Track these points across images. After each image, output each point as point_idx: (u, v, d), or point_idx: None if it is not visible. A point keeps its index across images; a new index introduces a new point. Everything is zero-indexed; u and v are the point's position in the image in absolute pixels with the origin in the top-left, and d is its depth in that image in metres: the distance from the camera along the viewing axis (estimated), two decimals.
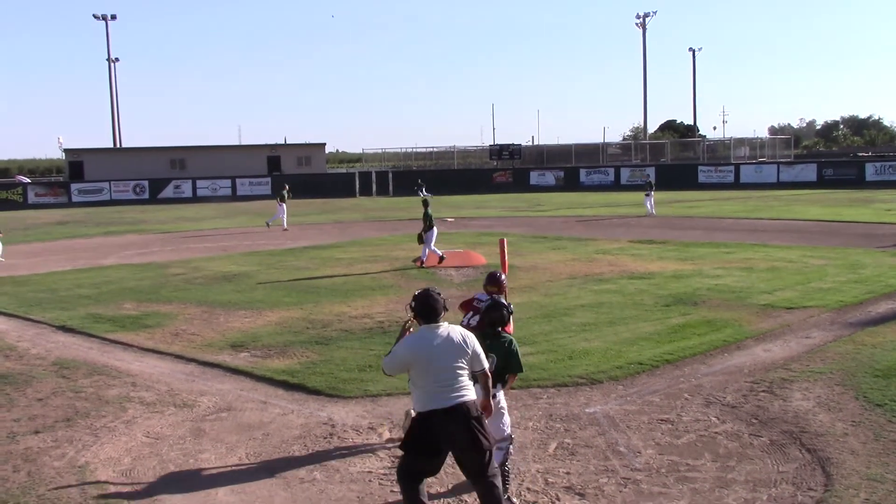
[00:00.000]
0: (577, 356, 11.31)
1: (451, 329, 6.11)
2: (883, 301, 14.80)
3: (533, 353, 11.18)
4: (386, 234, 30.41)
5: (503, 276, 8.30)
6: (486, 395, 6.30)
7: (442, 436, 5.84)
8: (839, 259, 20.21)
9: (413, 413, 6.14)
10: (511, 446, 7.07)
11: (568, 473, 7.29)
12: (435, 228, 21.48)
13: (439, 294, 6.16)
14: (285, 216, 34.60)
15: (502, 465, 6.68)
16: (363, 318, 14.42)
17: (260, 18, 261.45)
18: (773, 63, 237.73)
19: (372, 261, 22.26)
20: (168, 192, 62.45)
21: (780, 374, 10.20)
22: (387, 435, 8.40)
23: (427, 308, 6.07)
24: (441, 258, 21.03)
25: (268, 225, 34.54)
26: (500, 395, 7.02)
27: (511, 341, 7.10)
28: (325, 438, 8.42)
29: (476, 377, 6.14)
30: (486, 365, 6.22)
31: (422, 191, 39.43)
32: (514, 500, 6.76)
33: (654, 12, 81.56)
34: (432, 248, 21.23)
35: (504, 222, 34.96)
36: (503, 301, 7.37)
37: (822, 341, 11.93)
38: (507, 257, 10.27)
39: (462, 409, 5.87)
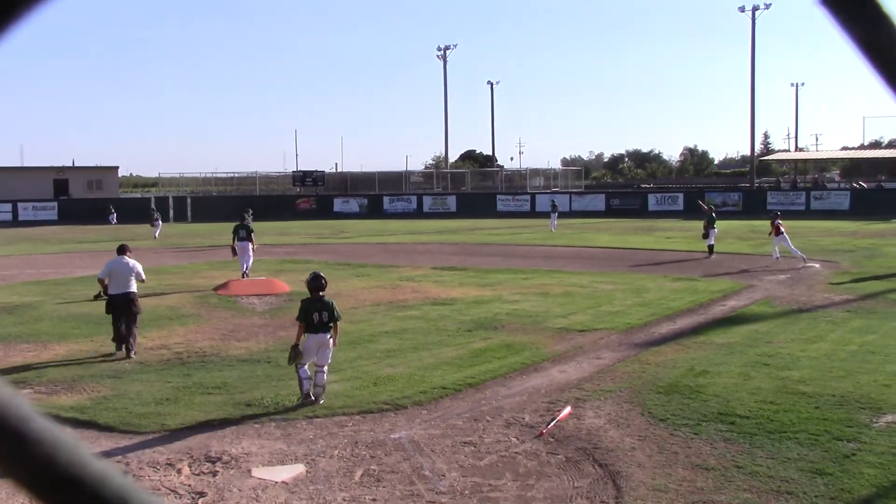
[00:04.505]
0: (382, 382, 11.38)
1: (130, 260, 13.40)
2: (664, 322, 15.90)
3: (338, 380, 11.14)
4: (185, 262, 29.34)
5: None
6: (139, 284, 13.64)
7: (117, 304, 13.11)
8: (626, 284, 21.55)
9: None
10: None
11: (374, 500, 7.30)
12: (247, 243, 22.94)
13: (126, 250, 13.74)
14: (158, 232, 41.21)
15: (324, 384, 10.41)
16: (160, 349, 13.82)
17: (41, 28, 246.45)
18: (565, 98, 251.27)
19: (169, 290, 21.38)
20: None
21: (575, 394, 10.71)
22: (187, 471, 8.07)
23: (119, 249, 13.74)
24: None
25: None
26: (329, 337, 10.50)
27: (332, 302, 10.65)
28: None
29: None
30: (143, 277, 13.69)
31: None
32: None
33: (455, 45, 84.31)
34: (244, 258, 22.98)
35: (308, 249, 34.66)
36: (321, 273, 10.79)
37: (612, 361, 12.65)
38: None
39: (129, 295, 13.20)
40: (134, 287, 13.28)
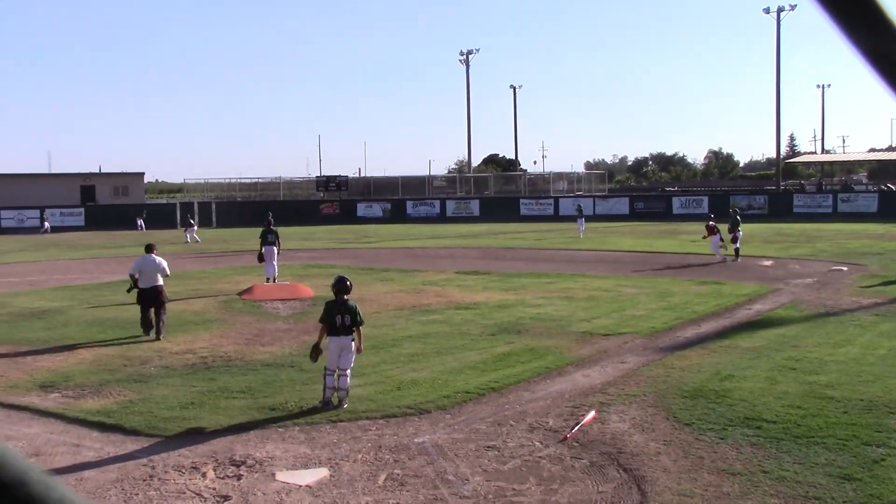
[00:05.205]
0: (406, 387, 11.38)
1: (156, 257, 15.50)
2: (689, 326, 15.80)
3: (361, 384, 11.16)
4: (209, 267, 29.55)
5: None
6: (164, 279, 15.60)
7: (146, 296, 15.09)
8: (650, 287, 21.42)
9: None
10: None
11: None
12: (273, 248, 23.36)
13: (153, 248, 15.88)
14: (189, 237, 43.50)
15: (348, 388, 10.49)
16: (185, 353, 13.92)
17: (69, 35, 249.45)
18: (588, 101, 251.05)
19: (194, 295, 21.54)
20: None
21: (599, 398, 10.65)
22: (211, 475, 8.11)
23: (147, 247, 15.84)
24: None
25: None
26: (351, 340, 10.55)
27: (356, 306, 10.71)
28: (144, 481, 8.03)
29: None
30: (168, 272, 15.65)
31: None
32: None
33: (478, 50, 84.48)
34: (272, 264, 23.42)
35: (331, 254, 34.79)
36: (345, 276, 11.00)
37: (636, 365, 12.58)
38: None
39: (157, 287, 15.16)
40: (161, 280, 15.43)
